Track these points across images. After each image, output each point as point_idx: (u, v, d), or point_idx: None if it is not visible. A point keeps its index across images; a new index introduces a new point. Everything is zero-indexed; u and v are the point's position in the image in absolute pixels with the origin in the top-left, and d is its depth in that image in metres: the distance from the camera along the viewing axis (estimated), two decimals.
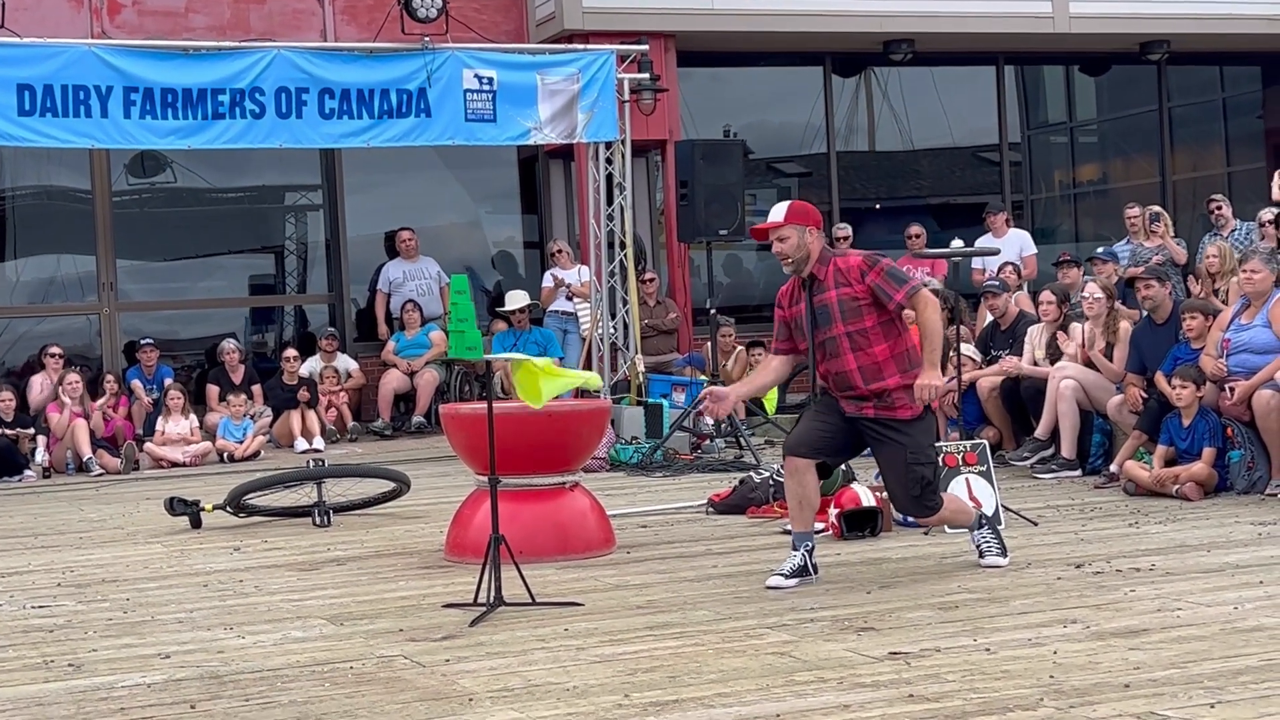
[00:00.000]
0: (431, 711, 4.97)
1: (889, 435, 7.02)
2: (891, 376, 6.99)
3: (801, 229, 7.08)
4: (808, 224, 7.11)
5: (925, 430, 7.10)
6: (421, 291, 16.13)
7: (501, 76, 13.55)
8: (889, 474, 7.13)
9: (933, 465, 7.14)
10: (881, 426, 7.03)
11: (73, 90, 12.41)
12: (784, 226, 7.07)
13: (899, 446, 7.00)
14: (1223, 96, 20.70)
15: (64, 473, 13.66)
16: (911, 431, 7.01)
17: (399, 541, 8.89)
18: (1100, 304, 10.90)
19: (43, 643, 6.39)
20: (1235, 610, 6.06)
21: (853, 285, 7.01)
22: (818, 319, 7.07)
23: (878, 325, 7.03)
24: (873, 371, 7.00)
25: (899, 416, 7.00)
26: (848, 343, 7.01)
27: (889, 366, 7.00)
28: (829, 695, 4.98)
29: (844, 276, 7.03)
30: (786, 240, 7.07)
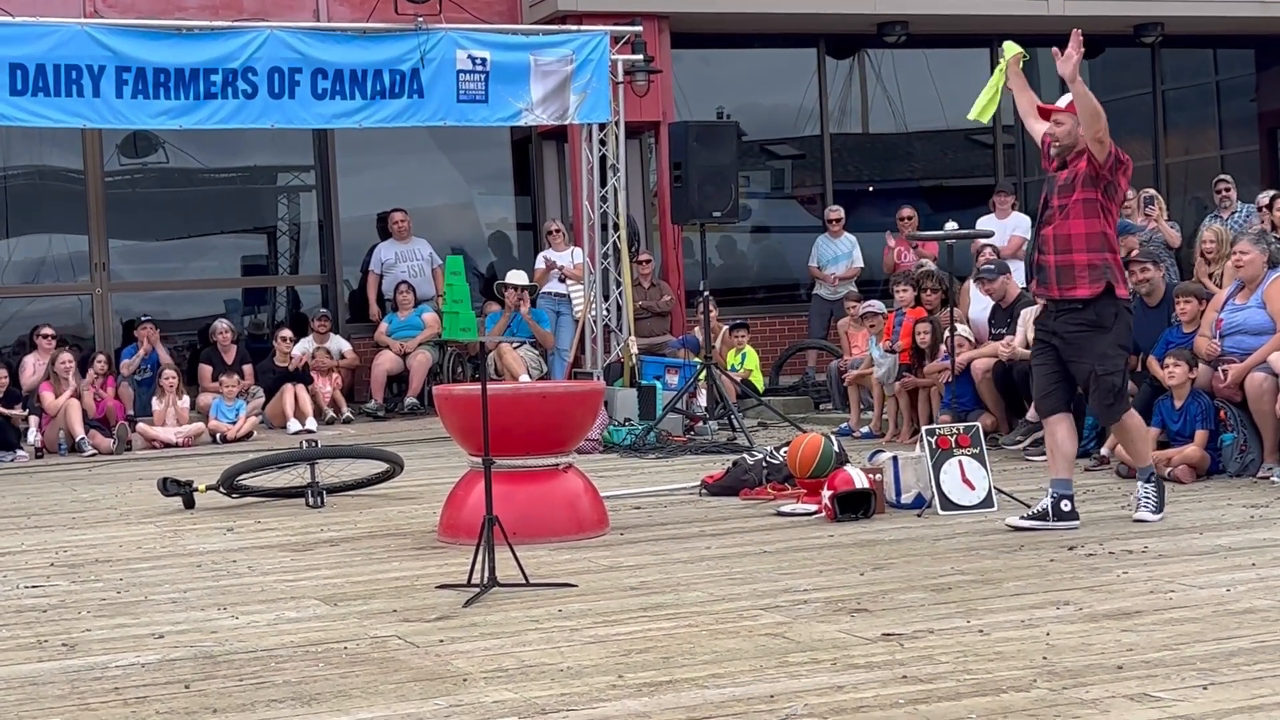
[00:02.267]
0: (426, 692, 4.98)
1: (1070, 328, 7.64)
2: (1079, 252, 7.60)
3: (1074, 120, 7.77)
4: None
5: (1115, 336, 7.63)
6: (413, 273, 16.11)
7: (494, 57, 13.52)
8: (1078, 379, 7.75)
9: (1122, 371, 7.73)
10: (1065, 315, 7.65)
11: (65, 70, 12.37)
12: (1064, 112, 7.84)
13: (1081, 345, 7.62)
14: (1216, 80, 20.69)
15: (56, 453, 13.65)
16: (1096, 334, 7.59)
17: (392, 522, 8.90)
18: None
19: (36, 623, 6.39)
20: (1228, 592, 6.08)
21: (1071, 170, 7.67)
22: (1047, 190, 7.77)
23: (1082, 202, 7.63)
24: (1064, 242, 7.64)
25: (1079, 294, 7.61)
26: (1055, 214, 7.69)
27: (1078, 244, 7.60)
28: (822, 676, 4.99)
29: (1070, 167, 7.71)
30: (1062, 125, 7.81)
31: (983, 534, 7.72)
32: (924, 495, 8.55)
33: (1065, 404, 7.88)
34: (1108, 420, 7.98)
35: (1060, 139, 7.81)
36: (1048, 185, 7.88)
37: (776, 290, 18.36)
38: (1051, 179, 7.86)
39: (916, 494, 8.63)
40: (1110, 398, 7.72)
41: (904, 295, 12.67)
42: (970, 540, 7.55)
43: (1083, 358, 7.70)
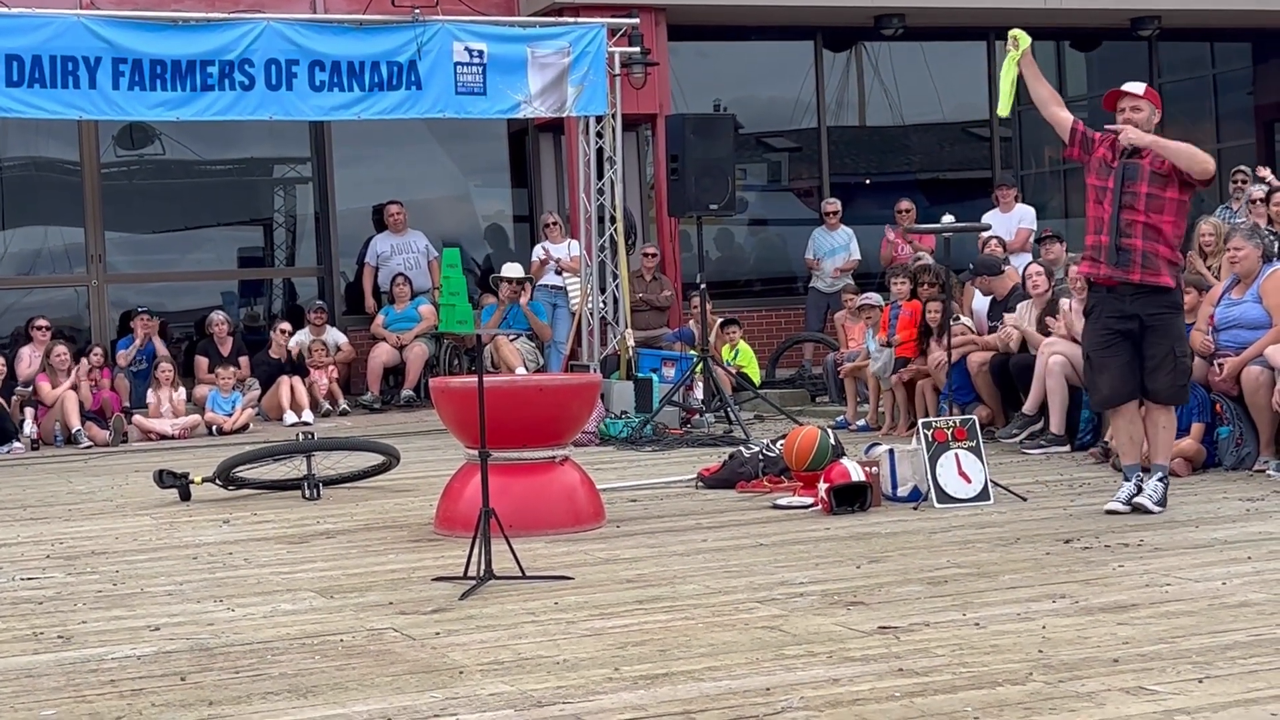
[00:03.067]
0: (422, 684, 4.98)
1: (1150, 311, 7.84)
2: (1165, 245, 7.83)
3: (1152, 107, 8.00)
4: (1156, 106, 8.05)
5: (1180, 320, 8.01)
6: (409, 265, 16.11)
7: (492, 49, 13.51)
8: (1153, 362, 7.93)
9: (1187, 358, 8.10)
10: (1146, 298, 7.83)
11: (61, 61, 12.35)
12: (1142, 99, 8.02)
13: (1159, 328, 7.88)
14: (1213, 73, 20.69)
15: (52, 444, 13.65)
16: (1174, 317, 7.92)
17: (388, 515, 8.90)
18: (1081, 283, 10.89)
19: (32, 614, 6.39)
20: (1223, 586, 6.08)
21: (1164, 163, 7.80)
22: (1126, 173, 7.84)
23: (1175, 201, 7.85)
24: (1154, 233, 7.81)
25: (1162, 282, 7.83)
26: (1145, 201, 7.80)
27: (1165, 237, 7.83)
28: (818, 669, 4.99)
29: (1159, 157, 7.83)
30: (1141, 111, 7.99)
31: (979, 527, 7.73)
32: (920, 488, 8.55)
33: (1135, 397, 8.05)
34: (1178, 400, 8.15)
35: (1141, 124, 7.94)
36: (1124, 168, 7.89)
37: (773, 283, 18.36)
38: (1131, 164, 7.88)
39: (913, 487, 8.63)
40: (1185, 378, 8.08)
41: (900, 289, 12.67)
42: (966, 533, 7.56)
43: (1165, 338, 7.94)
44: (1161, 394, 8.03)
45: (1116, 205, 7.89)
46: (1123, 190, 7.89)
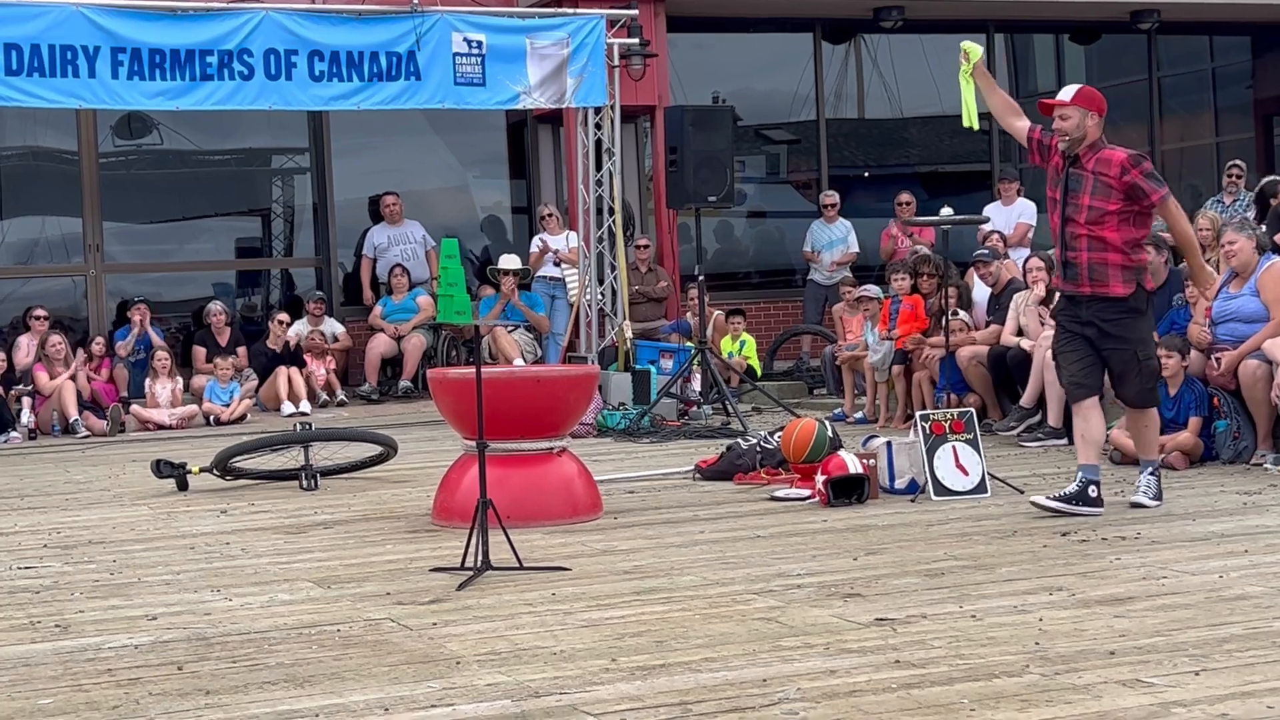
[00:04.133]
0: (419, 674, 4.98)
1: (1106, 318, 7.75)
2: (1114, 253, 7.68)
3: (1084, 112, 7.82)
4: (1090, 109, 7.85)
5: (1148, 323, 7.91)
6: (407, 256, 16.11)
7: (491, 40, 13.50)
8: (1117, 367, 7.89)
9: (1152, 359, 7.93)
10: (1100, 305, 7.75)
11: (60, 50, 12.34)
12: (1069, 106, 7.83)
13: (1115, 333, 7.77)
14: (1212, 66, 20.68)
15: (49, 434, 13.64)
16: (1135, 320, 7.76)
17: (386, 505, 8.90)
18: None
19: (29, 603, 6.39)
20: (1220, 579, 6.09)
21: (1109, 175, 7.68)
22: (1069, 184, 7.78)
23: (1118, 214, 7.67)
24: (1099, 244, 7.69)
25: (1113, 293, 7.71)
26: (1086, 214, 7.71)
27: (1113, 245, 7.67)
28: (815, 660, 5.00)
29: (1104, 166, 7.71)
30: (1069, 120, 7.81)
31: (976, 519, 7.73)
32: (918, 481, 8.56)
33: (1096, 390, 7.96)
34: (1146, 403, 8.05)
35: (1069, 133, 7.81)
36: (1067, 178, 7.83)
37: (771, 275, 18.37)
38: (1074, 174, 7.80)
39: (910, 479, 8.64)
40: (1151, 380, 7.98)
41: (900, 284, 12.66)
42: (964, 526, 7.56)
43: (1125, 344, 7.82)
44: (1133, 400, 8.03)
45: (1061, 218, 7.84)
46: (1066, 202, 7.82)
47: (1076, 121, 7.80)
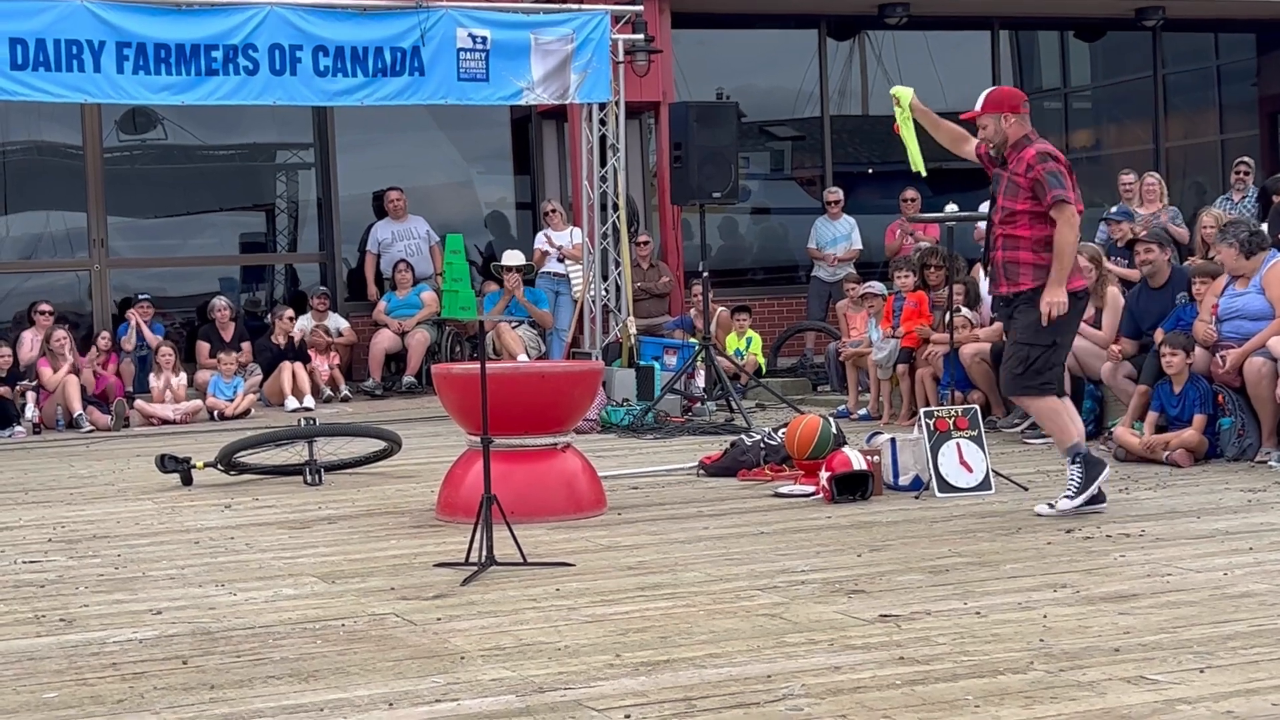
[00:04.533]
0: (423, 669, 4.98)
1: (1015, 311, 7.74)
2: (1025, 251, 7.66)
3: (997, 117, 7.79)
4: (1002, 110, 7.80)
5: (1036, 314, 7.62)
6: (410, 251, 16.11)
7: (495, 36, 13.49)
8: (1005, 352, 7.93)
9: (1041, 349, 7.67)
10: (1008, 304, 7.79)
11: (65, 44, 12.34)
12: (982, 115, 7.86)
13: (1015, 323, 7.74)
14: (1217, 64, 20.67)
15: (54, 429, 13.65)
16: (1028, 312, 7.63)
17: (390, 501, 8.90)
18: (1089, 272, 10.90)
19: (34, 598, 6.39)
20: (1225, 576, 6.09)
21: (1019, 173, 7.67)
22: (994, 187, 7.86)
23: (1028, 212, 7.63)
24: (1011, 242, 7.69)
25: (1022, 287, 7.68)
26: (1000, 214, 7.77)
27: (1024, 241, 7.65)
28: (819, 657, 5.00)
29: (1016, 164, 7.71)
30: (985, 128, 7.86)
31: (980, 516, 7.73)
32: (921, 477, 8.56)
33: None
34: (1006, 390, 8.12)
35: (992, 139, 7.83)
36: (994, 182, 7.91)
37: (775, 272, 18.36)
38: (998, 175, 7.87)
39: (914, 476, 8.63)
40: (1019, 367, 7.75)
41: (904, 281, 12.64)
42: (968, 522, 7.56)
43: (1014, 331, 7.84)
44: (1002, 386, 8.16)
45: (989, 220, 7.96)
46: (993, 205, 7.92)
47: (993, 128, 7.81)
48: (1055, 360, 7.78)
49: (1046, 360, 7.72)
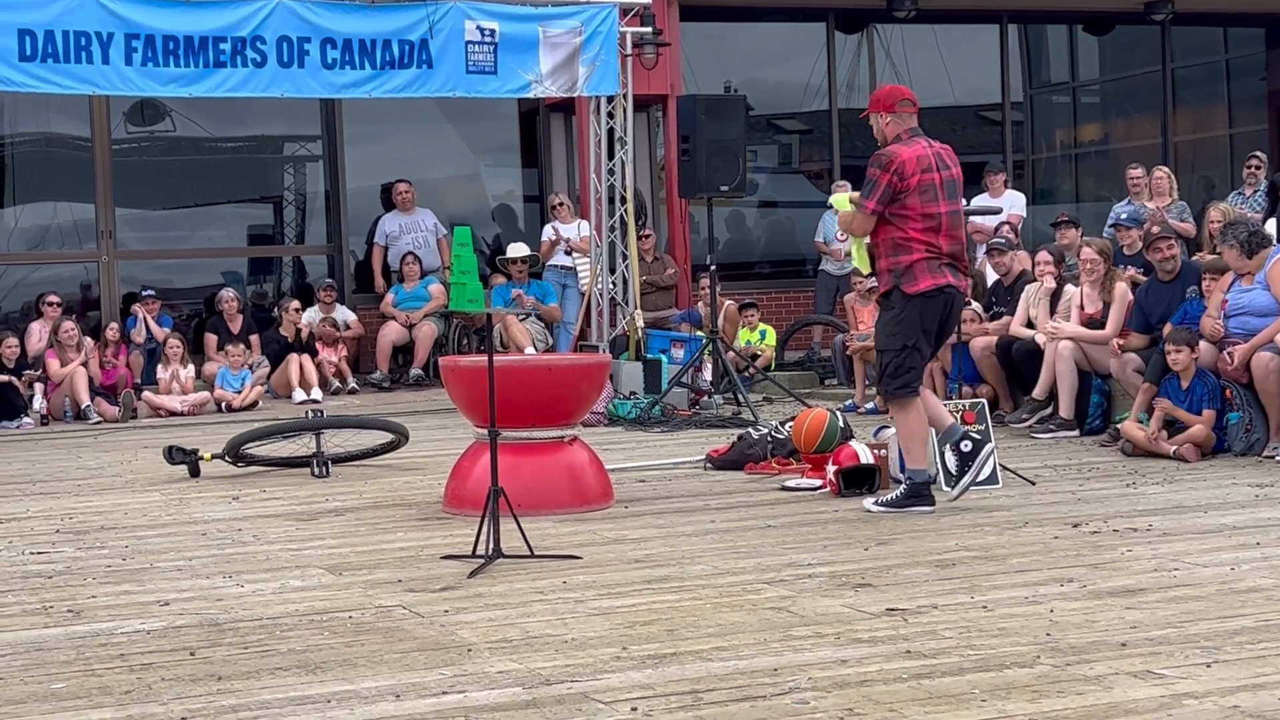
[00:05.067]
0: (430, 661, 4.99)
1: None
2: (882, 259, 7.83)
3: (875, 116, 7.98)
4: (878, 110, 7.99)
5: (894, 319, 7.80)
6: (419, 244, 16.10)
7: (503, 28, 13.48)
8: None
9: (893, 354, 7.78)
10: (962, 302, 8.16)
11: (74, 36, 12.34)
12: (869, 114, 8.05)
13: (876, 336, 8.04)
14: (1226, 58, 20.63)
15: (61, 420, 13.66)
16: (883, 315, 7.92)
17: (397, 493, 8.91)
18: (1097, 265, 10.90)
19: (42, 588, 6.41)
20: (1232, 571, 6.08)
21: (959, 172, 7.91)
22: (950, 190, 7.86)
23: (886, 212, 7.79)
24: (874, 247, 7.90)
25: (881, 290, 7.94)
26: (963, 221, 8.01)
27: (880, 249, 7.84)
28: (826, 650, 5.00)
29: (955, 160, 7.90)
30: (873, 128, 7.98)
31: (987, 510, 7.73)
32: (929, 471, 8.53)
33: None
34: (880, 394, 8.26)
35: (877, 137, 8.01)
36: None
37: (783, 265, 18.35)
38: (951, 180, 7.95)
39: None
40: (880, 372, 7.99)
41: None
42: (974, 517, 7.56)
43: None
44: None
45: None
46: None
47: (876, 128, 7.94)
48: (911, 364, 7.78)
49: (901, 363, 7.75)
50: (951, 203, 7.77)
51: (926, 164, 7.72)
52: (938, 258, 7.72)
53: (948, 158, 7.86)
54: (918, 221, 7.67)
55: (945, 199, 7.73)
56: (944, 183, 7.74)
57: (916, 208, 7.66)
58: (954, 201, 7.79)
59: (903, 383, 7.75)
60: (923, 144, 7.81)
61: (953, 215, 7.77)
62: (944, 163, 7.81)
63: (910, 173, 7.67)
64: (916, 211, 7.67)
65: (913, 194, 7.67)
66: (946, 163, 7.83)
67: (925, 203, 7.68)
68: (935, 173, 7.73)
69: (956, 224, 7.82)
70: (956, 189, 7.84)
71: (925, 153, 7.77)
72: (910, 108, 7.91)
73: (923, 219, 7.67)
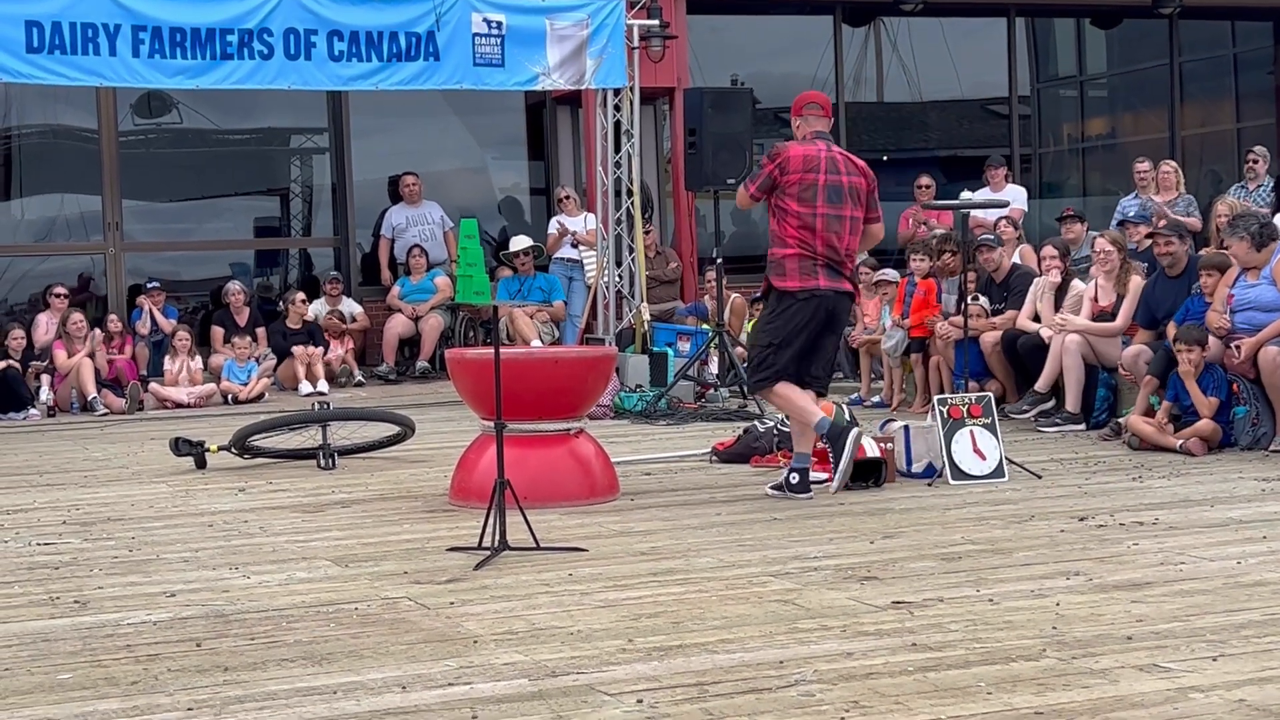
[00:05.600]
0: (436, 653, 5.00)
1: None
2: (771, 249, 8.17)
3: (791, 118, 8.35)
4: (791, 113, 8.36)
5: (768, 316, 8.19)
6: (425, 237, 16.12)
7: (510, 21, 13.47)
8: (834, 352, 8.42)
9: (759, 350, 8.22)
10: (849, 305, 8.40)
11: (81, 28, 12.34)
12: None
13: None
14: (1234, 52, 20.59)
15: (68, 412, 13.68)
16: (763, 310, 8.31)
17: (403, 485, 8.92)
18: (1111, 257, 10.89)
19: (48, 579, 6.41)
20: (1238, 565, 6.08)
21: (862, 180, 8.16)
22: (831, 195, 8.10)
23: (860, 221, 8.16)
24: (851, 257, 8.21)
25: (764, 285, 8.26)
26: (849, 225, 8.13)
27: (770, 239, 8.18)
28: (832, 643, 5.00)
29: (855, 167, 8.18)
30: None
31: (993, 504, 7.73)
32: (935, 465, 8.55)
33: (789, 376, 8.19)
34: None
35: None
36: None
37: None
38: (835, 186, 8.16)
39: (927, 463, 8.63)
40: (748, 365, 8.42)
41: (919, 265, 12.62)
42: (981, 510, 7.56)
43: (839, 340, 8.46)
44: None
45: None
46: None
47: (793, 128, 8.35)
48: (774, 361, 8.07)
49: (764, 359, 8.13)
50: (833, 207, 7.98)
51: (813, 165, 7.99)
52: (812, 258, 7.99)
53: (844, 165, 8.08)
54: (794, 219, 8.00)
55: (825, 202, 7.97)
56: (827, 185, 7.98)
57: (793, 206, 7.99)
58: (836, 206, 7.99)
59: (761, 376, 8.17)
60: (820, 146, 8.09)
61: (830, 219, 7.98)
62: (837, 168, 8.04)
63: (792, 169, 7.98)
64: (793, 209, 8.00)
65: (792, 190, 7.97)
66: (840, 169, 8.05)
67: (802, 202, 7.97)
68: (821, 175, 7.97)
69: (833, 228, 8.00)
70: (843, 195, 8.02)
71: (815, 154, 8.03)
72: (817, 111, 8.28)
73: (797, 217, 7.98)
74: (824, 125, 8.23)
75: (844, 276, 8.08)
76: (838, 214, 7.99)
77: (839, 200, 7.99)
